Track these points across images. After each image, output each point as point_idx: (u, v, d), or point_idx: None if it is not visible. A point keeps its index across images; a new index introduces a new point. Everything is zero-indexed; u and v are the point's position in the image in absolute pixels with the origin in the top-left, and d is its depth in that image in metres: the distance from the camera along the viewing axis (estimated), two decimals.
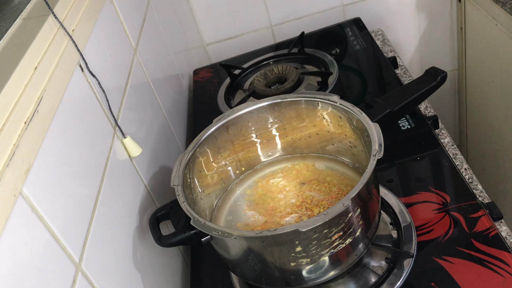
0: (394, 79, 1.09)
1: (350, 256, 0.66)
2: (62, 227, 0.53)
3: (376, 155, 0.64)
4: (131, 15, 0.94)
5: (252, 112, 0.82)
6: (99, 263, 0.59)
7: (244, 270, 0.68)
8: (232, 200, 0.83)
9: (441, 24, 1.54)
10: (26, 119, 0.50)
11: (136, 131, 0.82)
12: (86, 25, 0.71)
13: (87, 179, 0.61)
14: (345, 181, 0.79)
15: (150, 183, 0.83)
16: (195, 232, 0.66)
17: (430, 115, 1.00)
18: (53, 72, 0.57)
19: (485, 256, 0.70)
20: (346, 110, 0.74)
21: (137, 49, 0.92)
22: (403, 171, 0.88)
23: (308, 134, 0.84)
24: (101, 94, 0.70)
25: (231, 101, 1.18)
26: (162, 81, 1.06)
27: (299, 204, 0.77)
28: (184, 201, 0.67)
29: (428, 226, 0.76)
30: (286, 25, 1.52)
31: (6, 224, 0.43)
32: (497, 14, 1.23)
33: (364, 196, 0.64)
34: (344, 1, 1.49)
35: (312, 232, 0.60)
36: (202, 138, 0.78)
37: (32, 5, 0.61)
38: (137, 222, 0.74)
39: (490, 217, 0.75)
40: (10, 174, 0.45)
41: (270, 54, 1.29)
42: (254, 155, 0.86)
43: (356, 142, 0.77)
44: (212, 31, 1.52)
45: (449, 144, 0.93)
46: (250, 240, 0.62)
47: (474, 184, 0.84)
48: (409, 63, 1.61)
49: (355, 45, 1.25)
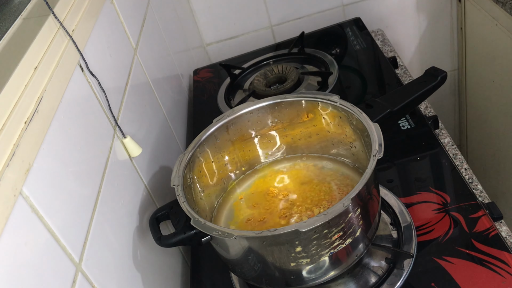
0: (394, 79, 1.09)
1: (350, 256, 0.66)
2: (62, 227, 0.53)
3: (376, 155, 0.64)
4: (131, 15, 0.94)
5: (252, 112, 0.82)
6: (99, 263, 0.59)
7: (244, 270, 0.68)
8: (232, 200, 0.83)
9: (441, 24, 1.54)
10: (26, 119, 0.50)
11: (136, 131, 0.82)
12: (86, 25, 0.71)
13: (87, 179, 0.61)
14: (345, 181, 0.79)
15: (150, 183, 0.83)
16: (195, 232, 0.66)
17: (430, 115, 1.00)
18: (53, 72, 0.57)
19: (485, 256, 0.70)
20: (346, 110, 0.74)
21: (137, 49, 0.92)
22: (403, 171, 0.88)
23: (308, 134, 0.84)
24: (101, 94, 0.70)
25: (231, 101, 1.18)
26: (162, 81, 1.06)
27: (299, 204, 0.77)
28: (184, 201, 0.67)
29: (428, 226, 0.76)
30: (286, 25, 1.52)
31: (6, 224, 0.43)
32: (497, 14, 1.23)
33: (364, 196, 0.64)
34: (344, 1, 1.49)
35: (312, 232, 0.60)
36: (202, 138, 0.78)
37: (32, 5, 0.61)
38: (137, 222, 0.74)
39: (490, 217, 0.75)
40: (10, 174, 0.45)
41: (270, 54, 1.29)
42: (254, 155, 0.86)
43: (356, 142, 0.77)
44: (212, 31, 1.52)
45: (449, 144, 0.93)
46: (250, 240, 0.62)
47: (474, 184, 0.84)
48: (409, 63, 1.61)
49: (355, 45, 1.25)
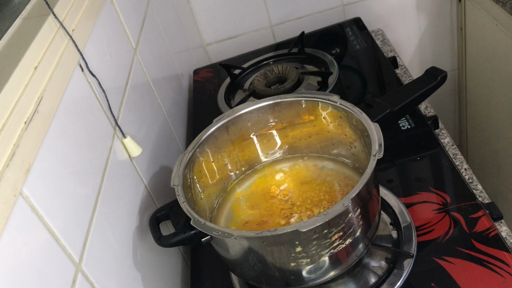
0: (394, 79, 1.09)
1: (350, 257, 0.66)
2: (62, 227, 0.53)
3: (376, 155, 0.64)
4: (131, 15, 0.94)
5: (252, 112, 0.82)
6: (99, 263, 0.59)
7: (244, 270, 0.68)
8: (232, 200, 0.83)
9: (441, 24, 1.54)
10: (26, 119, 0.49)
11: (136, 131, 0.82)
12: (86, 25, 0.71)
13: (87, 179, 0.61)
14: (345, 181, 0.79)
15: (150, 183, 0.83)
16: (195, 232, 0.66)
17: (430, 115, 1.00)
18: (53, 72, 0.57)
19: (485, 256, 0.70)
20: (346, 110, 0.74)
21: (137, 49, 0.92)
22: (403, 171, 0.88)
23: (308, 134, 0.84)
24: (101, 94, 0.70)
25: (231, 101, 1.18)
26: (162, 81, 1.06)
27: (299, 204, 0.77)
28: (184, 201, 0.67)
29: (428, 226, 0.76)
30: (286, 25, 1.52)
31: (6, 224, 0.43)
32: (497, 14, 1.23)
33: (364, 196, 0.64)
34: (344, 1, 1.49)
35: (312, 232, 0.60)
36: (202, 138, 0.78)
37: (32, 5, 0.61)
38: (137, 222, 0.74)
39: (490, 217, 0.75)
40: (10, 174, 0.45)
41: (270, 54, 1.29)
42: (254, 155, 0.86)
43: (356, 142, 0.77)
44: (212, 31, 1.52)
45: (449, 144, 0.93)
46: (250, 240, 0.62)
47: (474, 184, 0.84)
48: (409, 63, 1.61)
49: (355, 45, 1.25)
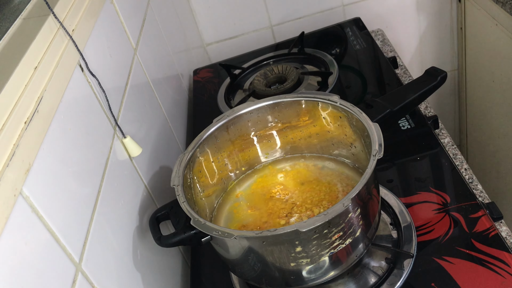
0: (394, 79, 1.09)
1: (350, 256, 0.66)
2: (62, 227, 0.53)
3: (376, 155, 0.64)
4: (131, 15, 0.94)
5: (252, 112, 0.82)
6: (99, 263, 0.59)
7: (244, 270, 0.68)
8: (232, 200, 0.83)
9: (441, 24, 1.54)
10: (26, 119, 0.50)
11: (136, 131, 0.82)
12: (86, 25, 0.71)
13: (87, 179, 0.61)
14: (345, 181, 0.79)
15: (150, 183, 0.83)
16: (195, 232, 0.66)
17: (430, 115, 1.00)
18: (53, 72, 0.57)
19: (485, 256, 0.70)
20: (346, 110, 0.74)
21: (137, 49, 0.92)
22: (403, 171, 0.88)
23: (308, 134, 0.84)
24: (101, 94, 0.70)
25: (231, 101, 1.18)
26: (162, 81, 1.06)
27: (299, 204, 0.77)
28: (184, 201, 0.67)
29: (428, 226, 0.76)
30: (286, 25, 1.52)
31: (6, 224, 0.43)
32: (497, 14, 1.23)
33: (364, 196, 0.64)
34: (344, 1, 1.49)
35: (312, 232, 0.60)
36: (202, 138, 0.78)
37: (32, 5, 0.61)
38: (137, 222, 0.74)
39: (490, 217, 0.75)
40: (10, 174, 0.45)
41: (270, 54, 1.29)
42: (254, 155, 0.86)
43: (356, 142, 0.77)
44: (212, 31, 1.52)
45: (449, 144, 0.93)
46: (250, 240, 0.62)
47: (474, 184, 0.84)
48: (409, 63, 1.61)
49: (355, 45, 1.25)
